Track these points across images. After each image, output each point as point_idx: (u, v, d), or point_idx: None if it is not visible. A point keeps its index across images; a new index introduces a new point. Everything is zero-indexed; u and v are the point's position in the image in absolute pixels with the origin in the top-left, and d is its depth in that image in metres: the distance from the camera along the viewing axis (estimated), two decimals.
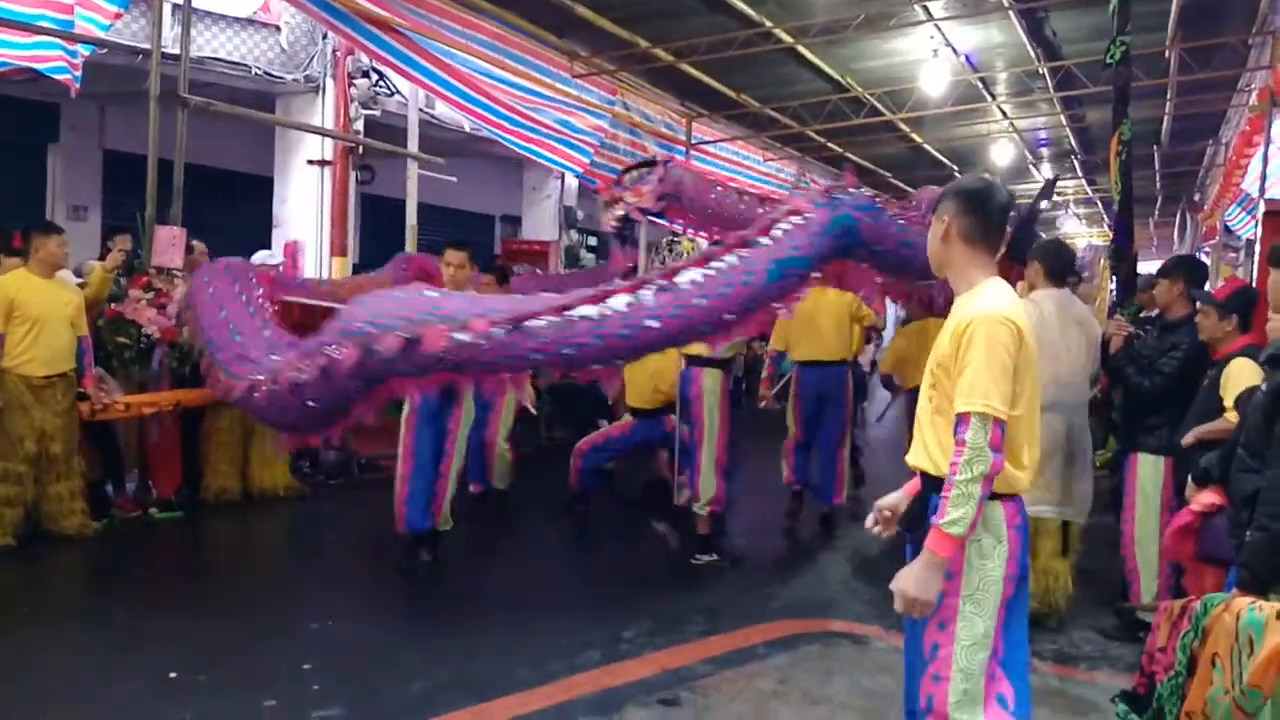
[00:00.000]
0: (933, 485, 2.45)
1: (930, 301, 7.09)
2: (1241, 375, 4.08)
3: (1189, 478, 3.77)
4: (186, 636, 4.52)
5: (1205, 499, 3.60)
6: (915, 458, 2.58)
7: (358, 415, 4.82)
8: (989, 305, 2.43)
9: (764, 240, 4.60)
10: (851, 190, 4.96)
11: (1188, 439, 4.17)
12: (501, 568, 6.04)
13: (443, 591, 5.56)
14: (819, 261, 4.77)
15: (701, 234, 7.02)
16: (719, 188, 6.73)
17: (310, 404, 4.61)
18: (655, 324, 4.33)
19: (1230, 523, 3.13)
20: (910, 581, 2.38)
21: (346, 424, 5.05)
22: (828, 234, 4.71)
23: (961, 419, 2.36)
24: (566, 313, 4.30)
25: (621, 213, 6.53)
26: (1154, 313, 6.07)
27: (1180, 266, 5.12)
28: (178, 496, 6.92)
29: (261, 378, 4.86)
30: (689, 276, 4.42)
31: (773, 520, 7.14)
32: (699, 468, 6.06)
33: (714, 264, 4.48)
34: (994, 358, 2.36)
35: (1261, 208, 6.37)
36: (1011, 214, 2.68)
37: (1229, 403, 4.05)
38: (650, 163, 6.77)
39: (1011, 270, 5.83)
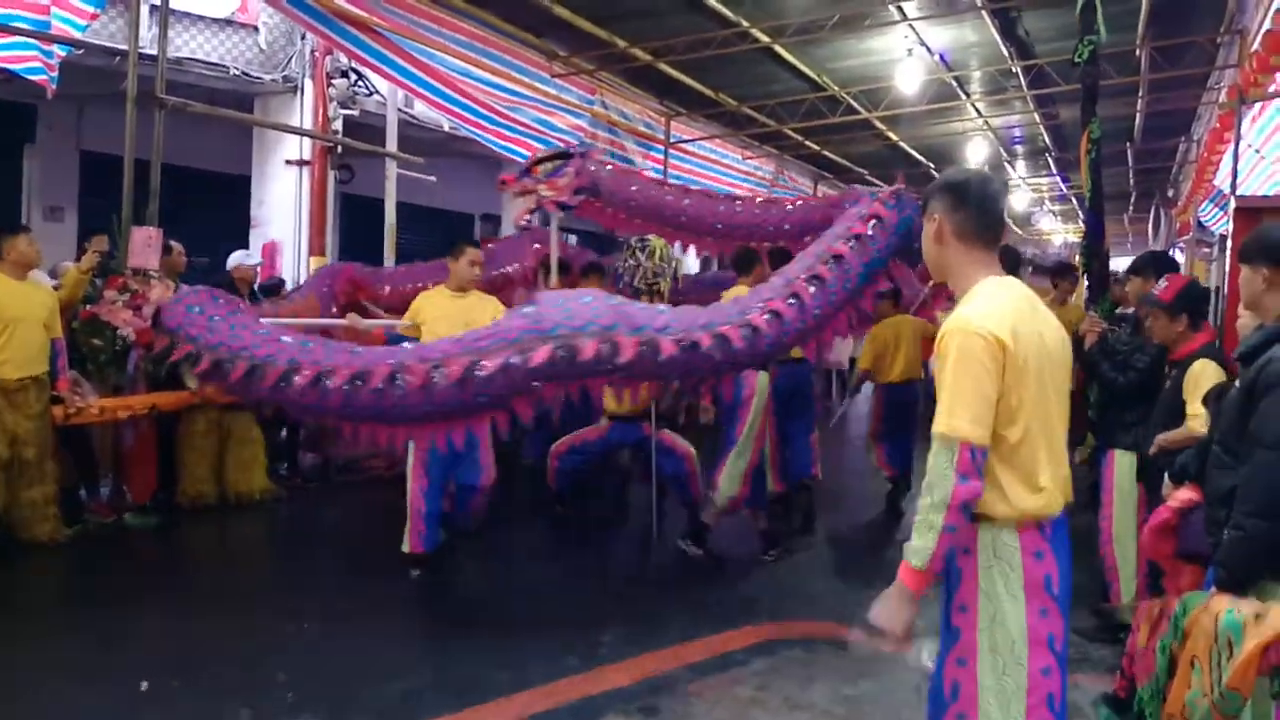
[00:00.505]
0: None
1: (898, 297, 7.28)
2: (1204, 376, 4.09)
3: (1165, 475, 3.79)
4: (160, 644, 4.50)
5: (1183, 495, 3.55)
6: None
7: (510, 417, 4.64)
8: (965, 314, 2.25)
9: (852, 244, 4.88)
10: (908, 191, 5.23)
11: (1153, 449, 4.20)
12: (479, 571, 6.05)
13: (421, 596, 5.54)
14: (889, 261, 5.11)
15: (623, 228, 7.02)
16: (639, 181, 6.70)
17: (478, 399, 4.43)
18: (789, 335, 4.67)
19: (1207, 521, 3.10)
20: (880, 611, 2.23)
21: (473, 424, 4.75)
22: (897, 234, 5.02)
23: (931, 440, 2.21)
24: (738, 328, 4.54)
25: (534, 206, 6.48)
26: (1129, 309, 6.15)
27: (1152, 263, 5.16)
28: (153, 501, 6.85)
29: (373, 369, 4.50)
30: (810, 289, 4.71)
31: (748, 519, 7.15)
32: (726, 463, 5.93)
33: (823, 271, 4.77)
34: (965, 374, 2.18)
35: (1233, 204, 6.43)
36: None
37: (1193, 406, 4.05)
38: (565, 154, 6.57)
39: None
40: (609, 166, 6.82)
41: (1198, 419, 4.01)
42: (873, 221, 4.97)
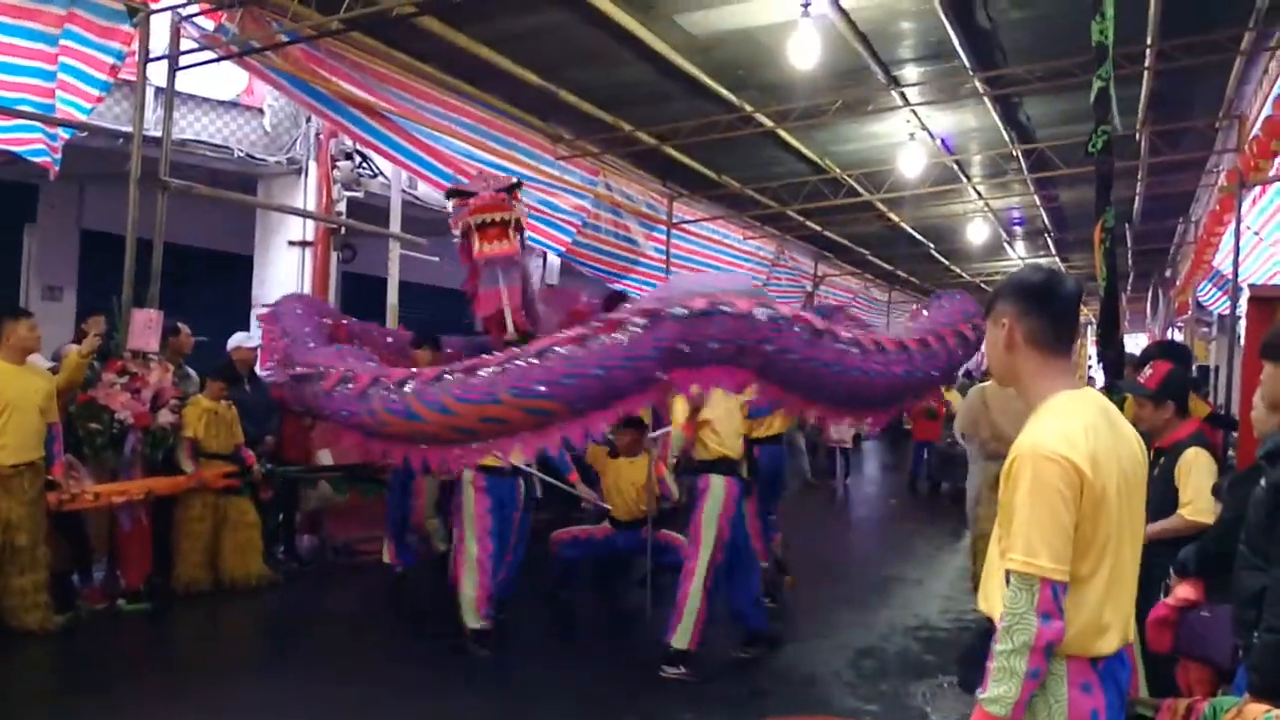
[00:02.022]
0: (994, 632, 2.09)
1: None
2: (1198, 465, 4.10)
3: (1170, 570, 3.73)
4: None
5: (1181, 593, 3.55)
6: (984, 603, 2.21)
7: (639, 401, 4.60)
8: (1038, 436, 2.06)
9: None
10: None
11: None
12: (479, 662, 5.86)
13: (421, 687, 5.37)
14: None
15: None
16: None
17: (607, 370, 4.32)
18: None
19: (1235, 622, 3.01)
20: None
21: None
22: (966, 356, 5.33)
23: (1006, 577, 2.03)
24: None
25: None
26: None
27: (1166, 353, 5.12)
28: (147, 587, 6.71)
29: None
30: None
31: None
32: (685, 597, 5.52)
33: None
34: (1041, 504, 1.99)
35: (1245, 294, 6.40)
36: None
37: (1187, 494, 4.07)
38: (517, 185, 6.50)
39: None
40: None
41: (1190, 507, 4.03)
42: (971, 328, 5.18)
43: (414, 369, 5.03)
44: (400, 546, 7.61)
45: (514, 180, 6.61)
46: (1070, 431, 2.04)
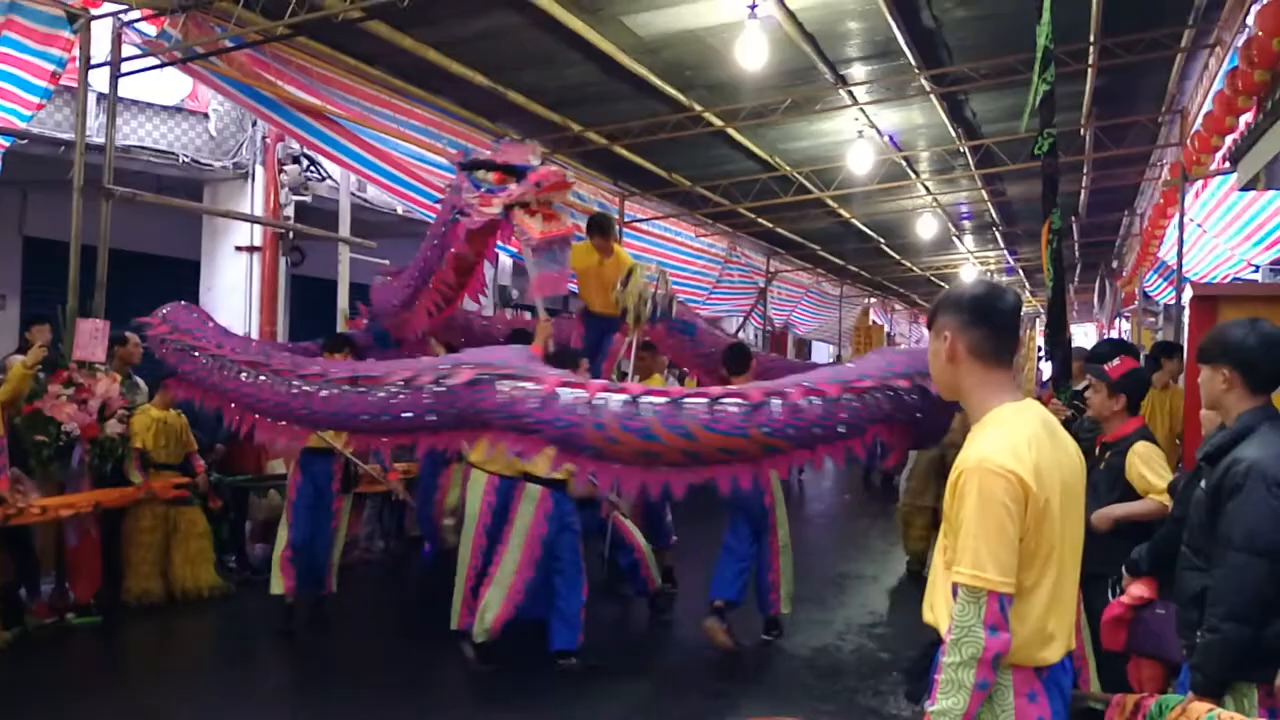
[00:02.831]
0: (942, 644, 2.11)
1: None
2: (1153, 457, 4.22)
3: (1122, 568, 3.81)
4: None
5: (1135, 591, 3.65)
6: (929, 613, 2.22)
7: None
8: (984, 450, 2.08)
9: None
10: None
11: (1105, 520, 4.20)
12: (435, 665, 5.86)
13: (375, 693, 5.36)
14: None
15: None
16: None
17: (839, 428, 4.43)
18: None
19: (1179, 622, 3.10)
20: None
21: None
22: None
23: (953, 590, 2.04)
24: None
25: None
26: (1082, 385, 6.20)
27: (1113, 352, 5.22)
28: (97, 600, 6.64)
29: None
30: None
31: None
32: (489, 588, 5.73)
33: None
34: (988, 518, 2.02)
35: (1189, 292, 6.55)
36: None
37: (1153, 483, 4.15)
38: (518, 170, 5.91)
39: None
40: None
41: (1166, 495, 4.07)
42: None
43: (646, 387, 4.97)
44: (429, 538, 7.82)
45: (540, 149, 6.46)
46: (1015, 444, 2.07)
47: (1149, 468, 4.20)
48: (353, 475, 6.71)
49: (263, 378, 5.39)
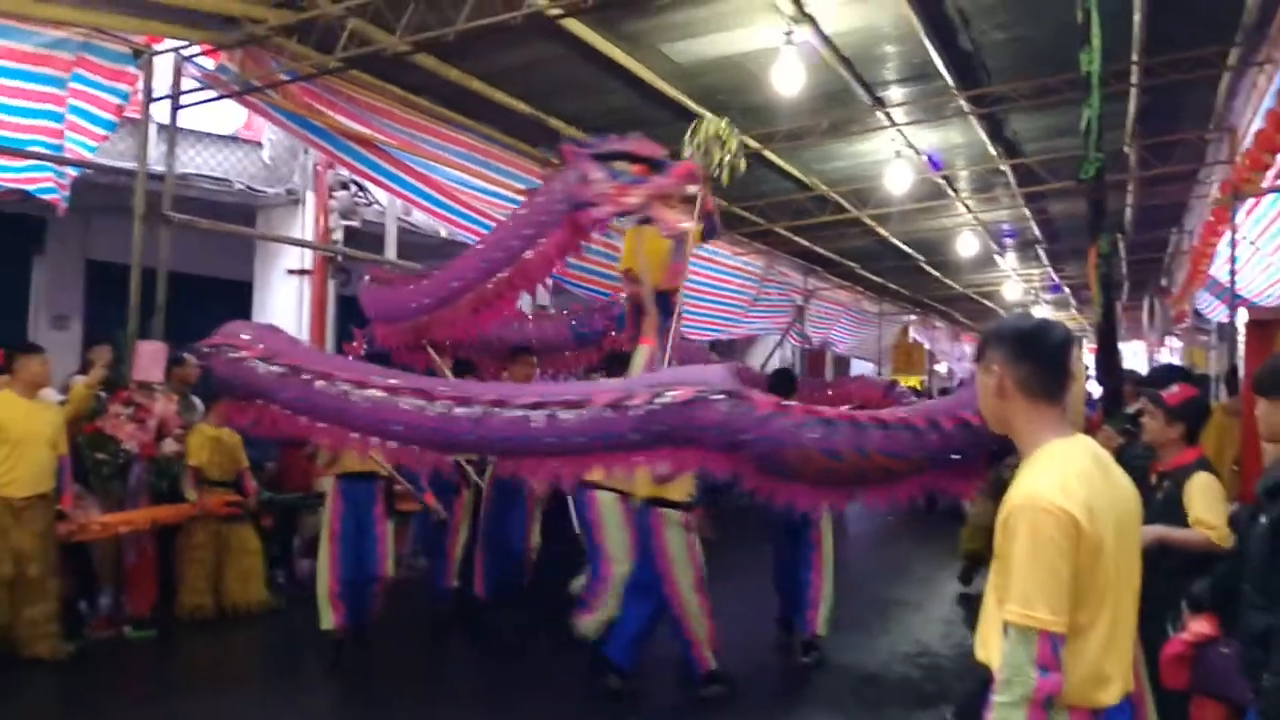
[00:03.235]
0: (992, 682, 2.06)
1: None
2: (1211, 490, 4.02)
3: (1183, 603, 3.69)
4: None
5: (1197, 628, 3.51)
6: (981, 650, 2.17)
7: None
8: (1034, 487, 2.05)
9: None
10: None
11: (1147, 537, 4.06)
12: (482, 679, 6.01)
13: (424, 706, 5.52)
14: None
15: None
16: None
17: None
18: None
19: (1245, 662, 2.98)
20: None
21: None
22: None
23: (1005, 629, 2.01)
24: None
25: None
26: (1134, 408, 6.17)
27: (1172, 377, 5.13)
28: (152, 614, 6.88)
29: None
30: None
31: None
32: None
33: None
34: (1038, 556, 1.98)
35: (1243, 314, 6.48)
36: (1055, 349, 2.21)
37: (1203, 516, 3.94)
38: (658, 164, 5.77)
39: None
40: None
41: (1216, 531, 3.89)
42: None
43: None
44: (491, 574, 7.26)
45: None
46: (1065, 481, 2.03)
47: (1204, 500, 4.00)
48: (393, 496, 6.75)
49: (401, 402, 4.76)
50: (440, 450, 4.96)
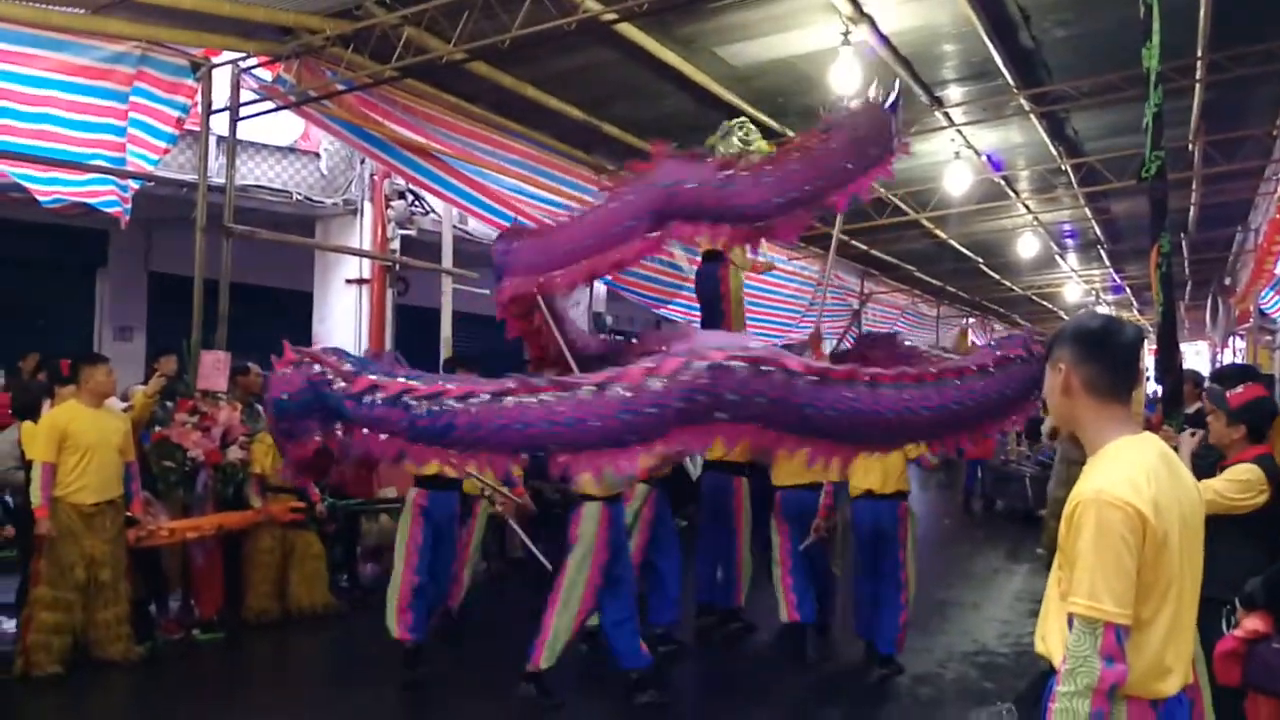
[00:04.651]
0: (1055, 674, 2.09)
1: None
2: (1238, 475, 4.03)
3: (1236, 601, 3.66)
4: None
5: (1250, 625, 3.52)
6: (1041, 644, 2.22)
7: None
8: (1101, 482, 2.07)
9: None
10: None
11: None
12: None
13: (483, 709, 5.52)
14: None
15: None
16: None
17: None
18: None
19: None
20: None
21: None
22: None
23: (1069, 620, 2.04)
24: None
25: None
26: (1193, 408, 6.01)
27: (1237, 376, 5.02)
28: (219, 617, 6.98)
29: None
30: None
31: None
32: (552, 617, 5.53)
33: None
34: (1105, 549, 2.01)
35: None
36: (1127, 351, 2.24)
37: (1209, 483, 3.91)
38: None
39: None
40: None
41: (1218, 495, 3.91)
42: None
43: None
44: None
45: None
46: (1133, 477, 2.06)
47: (1231, 476, 4.04)
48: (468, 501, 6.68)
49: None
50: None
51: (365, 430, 4.71)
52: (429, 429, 4.50)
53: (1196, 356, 24.57)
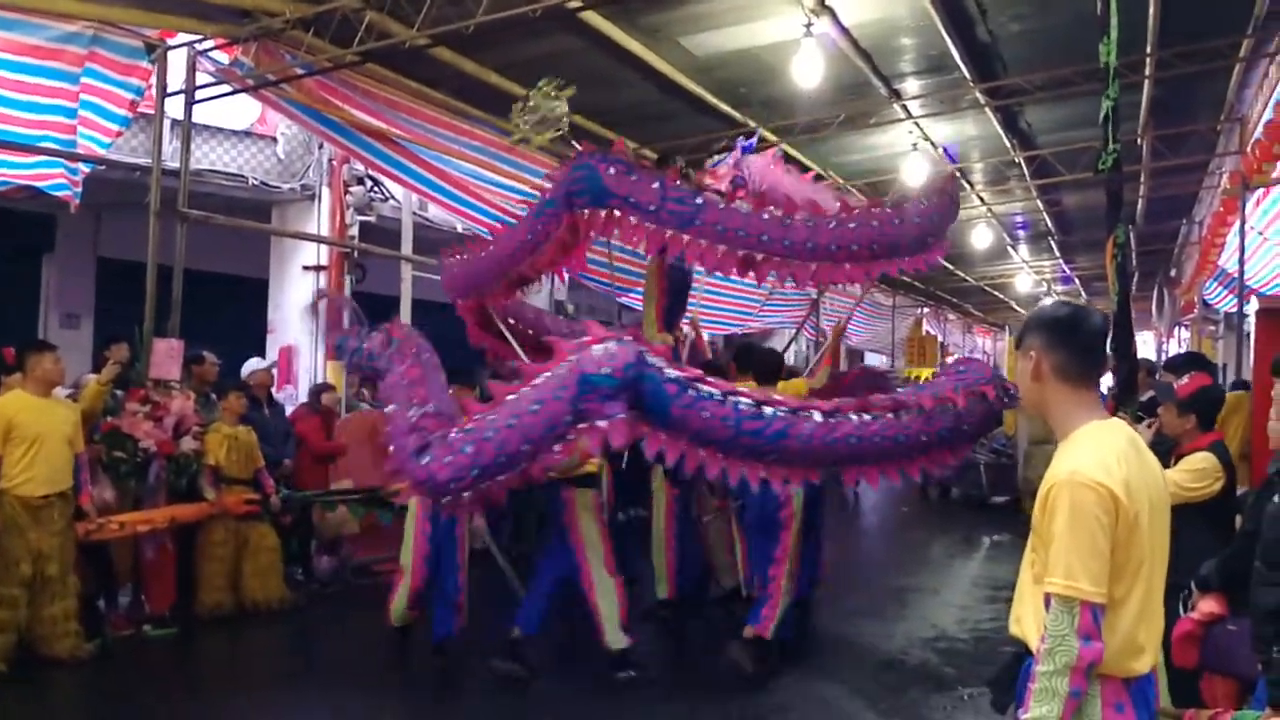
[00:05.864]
0: (1031, 656, 2.15)
1: None
2: (1194, 464, 4.18)
3: (1191, 584, 3.79)
4: None
5: (1206, 608, 3.62)
6: (1015, 626, 2.27)
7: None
8: (1075, 464, 2.12)
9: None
10: None
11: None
12: (498, 679, 5.96)
13: (441, 702, 5.47)
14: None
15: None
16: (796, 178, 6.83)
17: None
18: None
19: (1254, 638, 3.09)
20: None
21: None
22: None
23: (1046, 600, 2.08)
24: None
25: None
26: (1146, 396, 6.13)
27: (1187, 364, 5.17)
28: (171, 612, 6.84)
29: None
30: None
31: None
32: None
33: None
34: (1080, 530, 2.05)
35: (1254, 303, 6.50)
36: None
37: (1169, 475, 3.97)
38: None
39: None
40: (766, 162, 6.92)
41: (1178, 487, 4.00)
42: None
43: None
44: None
45: None
46: (1104, 459, 2.11)
47: (1185, 467, 4.21)
48: None
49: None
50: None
51: (675, 433, 4.78)
52: (758, 433, 4.82)
53: (1143, 345, 25.05)
